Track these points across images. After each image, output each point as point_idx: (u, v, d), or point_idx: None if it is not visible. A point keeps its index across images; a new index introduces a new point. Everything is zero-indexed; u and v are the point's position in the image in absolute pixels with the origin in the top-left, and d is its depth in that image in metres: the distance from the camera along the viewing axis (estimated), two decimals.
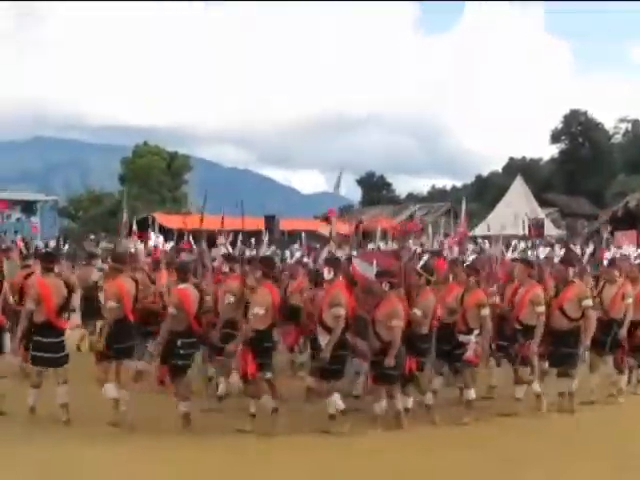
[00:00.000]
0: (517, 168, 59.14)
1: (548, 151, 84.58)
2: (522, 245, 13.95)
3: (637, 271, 10.79)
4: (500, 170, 77.87)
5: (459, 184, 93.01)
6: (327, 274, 8.73)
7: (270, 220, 27.39)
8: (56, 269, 9.04)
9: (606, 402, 9.86)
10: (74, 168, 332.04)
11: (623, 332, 9.84)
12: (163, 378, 8.56)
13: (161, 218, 35.77)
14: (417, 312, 8.67)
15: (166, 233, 16.23)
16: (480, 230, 30.71)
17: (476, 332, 8.77)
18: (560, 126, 69.26)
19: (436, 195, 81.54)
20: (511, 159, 77.35)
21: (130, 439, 8.07)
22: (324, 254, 11.39)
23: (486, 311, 8.84)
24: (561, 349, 9.22)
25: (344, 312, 8.23)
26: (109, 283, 9.13)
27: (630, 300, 9.96)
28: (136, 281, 9.21)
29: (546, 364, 9.62)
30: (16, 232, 18.47)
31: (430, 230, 16.37)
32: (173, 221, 28.85)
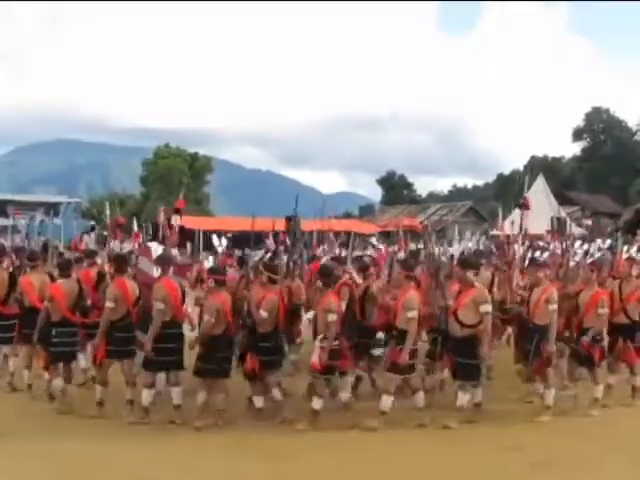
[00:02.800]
0: (539, 166, 58.83)
1: (570, 149, 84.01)
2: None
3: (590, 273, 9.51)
4: (522, 168, 77.49)
5: (480, 183, 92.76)
6: (155, 272, 9.05)
7: (291, 220, 27.38)
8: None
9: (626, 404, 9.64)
10: (97, 170, 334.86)
11: (551, 343, 8.67)
12: (46, 364, 9.19)
13: (182, 219, 35.96)
14: (263, 313, 8.48)
15: (187, 235, 16.23)
16: (504, 229, 30.49)
17: (320, 337, 8.30)
18: (582, 124, 68.87)
19: (457, 194, 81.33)
20: (533, 157, 76.98)
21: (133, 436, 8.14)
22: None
23: (333, 317, 8.19)
24: (457, 359, 8.54)
25: (163, 306, 8.37)
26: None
27: (554, 306, 8.72)
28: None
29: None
30: (39, 234, 18.60)
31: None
32: (194, 222, 29.00)
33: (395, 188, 77.06)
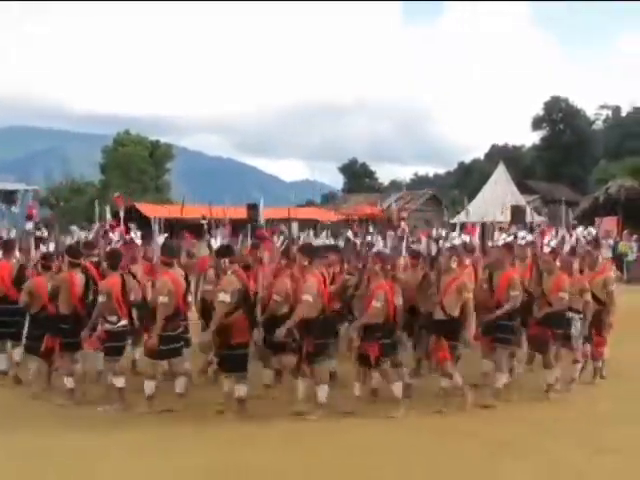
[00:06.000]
0: (499, 155, 59.35)
1: (530, 138, 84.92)
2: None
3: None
4: (482, 157, 78.25)
5: (442, 171, 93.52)
6: None
7: (252, 209, 27.32)
8: None
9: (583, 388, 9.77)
10: (55, 157, 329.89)
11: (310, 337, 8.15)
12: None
13: (143, 208, 35.62)
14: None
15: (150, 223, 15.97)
16: (462, 217, 30.75)
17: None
18: (541, 113, 69.51)
19: (419, 183, 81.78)
20: (493, 146, 77.72)
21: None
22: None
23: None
24: (223, 351, 8.32)
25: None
26: None
27: (307, 297, 8.12)
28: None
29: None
30: None
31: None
32: (156, 211, 28.66)
33: (357, 176, 77.19)
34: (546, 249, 10.64)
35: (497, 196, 36.06)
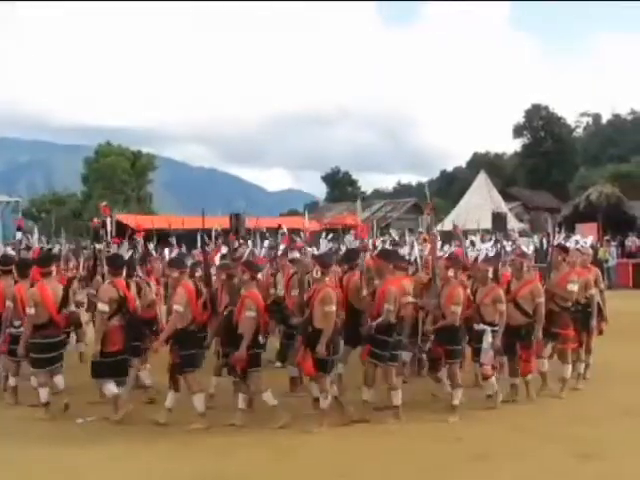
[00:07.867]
0: (481, 163, 59.64)
1: (511, 146, 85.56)
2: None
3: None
4: (464, 165, 78.60)
5: (424, 180, 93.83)
6: None
7: (235, 218, 27.28)
8: None
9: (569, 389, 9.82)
10: (38, 169, 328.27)
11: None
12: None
13: (126, 219, 35.46)
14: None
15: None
16: (446, 226, 30.88)
17: None
18: (522, 121, 69.96)
19: (402, 191, 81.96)
20: (475, 154, 78.11)
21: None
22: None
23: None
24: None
25: None
26: None
27: (177, 307, 8.22)
28: None
29: None
30: None
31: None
32: (139, 221, 28.50)
33: (340, 185, 77.19)
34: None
35: (478, 203, 36.32)
